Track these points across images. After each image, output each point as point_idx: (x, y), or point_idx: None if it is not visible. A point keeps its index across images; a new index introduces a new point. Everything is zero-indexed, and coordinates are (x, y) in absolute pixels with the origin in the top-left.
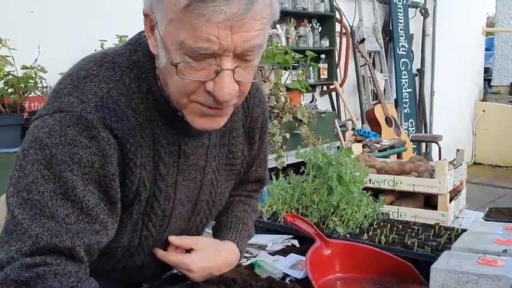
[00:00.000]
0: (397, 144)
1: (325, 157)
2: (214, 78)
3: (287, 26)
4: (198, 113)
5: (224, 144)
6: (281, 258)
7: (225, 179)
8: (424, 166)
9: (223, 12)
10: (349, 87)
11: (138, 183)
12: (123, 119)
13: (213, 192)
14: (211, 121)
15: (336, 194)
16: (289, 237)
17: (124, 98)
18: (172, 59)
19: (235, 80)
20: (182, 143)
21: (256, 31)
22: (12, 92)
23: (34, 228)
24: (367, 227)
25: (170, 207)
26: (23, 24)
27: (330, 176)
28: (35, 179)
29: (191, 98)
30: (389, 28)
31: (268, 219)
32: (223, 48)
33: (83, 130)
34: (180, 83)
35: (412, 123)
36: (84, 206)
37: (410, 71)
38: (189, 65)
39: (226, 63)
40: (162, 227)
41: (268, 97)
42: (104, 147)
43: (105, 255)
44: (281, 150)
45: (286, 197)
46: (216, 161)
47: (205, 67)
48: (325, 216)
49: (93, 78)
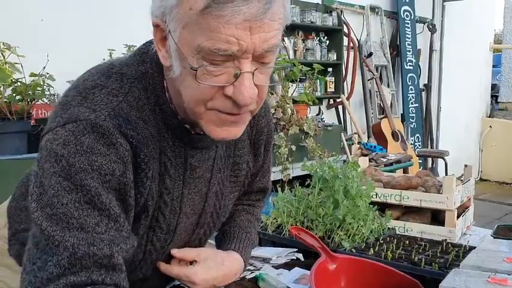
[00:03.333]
0: (403, 158)
1: (331, 170)
2: (233, 82)
3: (295, 39)
4: (217, 122)
5: (229, 155)
6: (285, 272)
7: (229, 191)
8: (431, 181)
9: (243, 12)
10: (355, 101)
11: (147, 197)
12: (137, 129)
13: (217, 204)
14: (230, 130)
15: (342, 207)
16: (293, 250)
17: (134, 111)
18: (190, 65)
19: (255, 83)
20: (189, 156)
21: (274, 31)
22: (20, 99)
23: (68, 239)
24: (373, 242)
25: (175, 220)
26: (32, 32)
27: (336, 189)
28: (56, 192)
29: (208, 105)
30: (397, 43)
31: (273, 232)
32: (243, 50)
33: (99, 138)
34: (198, 90)
35: (418, 138)
36: (112, 213)
37: (417, 86)
38: (207, 70)
39: (246, 65)
40: (166, 241)
41: (275, 109)
42: (123, 153)
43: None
44: (287, 163)
45: (291, 210)
46: (221, 173)
47: (224, 71)
48: (331, 230)
49: (101, 89)
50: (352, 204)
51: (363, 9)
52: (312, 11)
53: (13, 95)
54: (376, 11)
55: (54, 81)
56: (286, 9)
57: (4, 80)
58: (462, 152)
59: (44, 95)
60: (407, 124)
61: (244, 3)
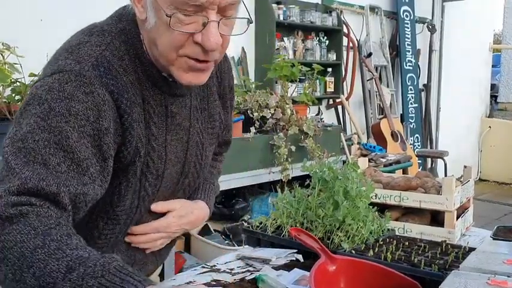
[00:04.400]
0: (402, 159)
1: (331, 171)
2: (202, 30)
3: (294, 39)
4: (186, 68)
5: (204, 108)
6: (285, 273)
7: (208, 142)
8: (431, 182)
9: None
10: (355, 101)
11: (136, 139)
12: (117, 77)
13: (199, 154)
14: (197, 75)
15: (342, 209)
16: (293, 251)
17: (116, 59)
18: (165, 13)
19: (220, 32)
20: (168, 103)
21: None
22: (19, 99)
23: (24, 172)
24: (372, 243)
25: (162, 166)
26: (32, 32)
27: (336, 190)
28: (32, 129)
29: (180, 52)
30: (397, 43)
31: (272, 233)
32: (210, 1)
33: (80, 86)
34: (171, 37)
35: (417, 138)
36: (76, 157)
37: (416, 86)
38: (179, 19)
39: (212, 15)
40: (156, 187)
41: (275, 109)
42: (98, 102)
43: (111, 221)
44: (286, 163)
45: (291, 211)
46: (199, 123)
47: (194, 20)
48: (330, 231)
49: (85, 43)
50: (352, 206)
51: (362, 9)
52: (311, 11)
53: (12, 95)
54: (375, 11)
55: None
56: None
57: (3, 80)
58: (461, 152)
59: None
60: (407, 124)
61: None
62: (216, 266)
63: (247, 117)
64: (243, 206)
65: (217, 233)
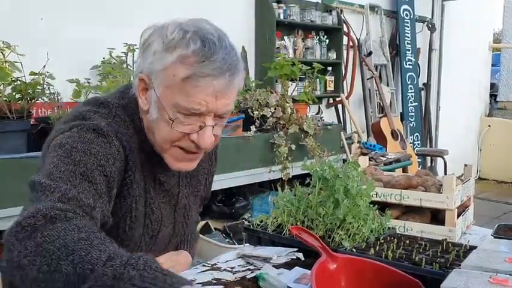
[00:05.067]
0: (402, 157)
1: (331, 170)
2: (198, 131)
3: (295, 38)
4: (178, 157)
5: (193, 175)
6: (286, 272)
7: (193, 202)
8: (432, 181)
9: (213, 85)
10: (355, 100)
11: (131, 199)
12: (128, 139)
13: (186, 215)
14: (187, 164)
15: (342, 207)
16: (294, 250)
17: (122, 129)
18: (169, 116)
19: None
20: (157, 173)
21: (232, 100)
22: (19, 98)
23: (62, 186)
24: (373, 241)
25: (158, 228)
26: (32, 31)
27: (336, 188)
28: (55, 164)
29: (175, 143)
30: (396, 42)
31: (273, 232)
32: (209, 110)
33: (99, 136)
34: (170, 133)
35: (417, 137)
36: (99, 189)
37: (416, 85)
38: (180, 120)
39: (209, 121)
40: (149, 246)
41: (275, 108)
42: (114, 152)
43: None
44: (286, 162)
45: (291, 209)
46: (187, 189)
47: (192, 123)
48: (331, 230)
49: (95, 113)
50: (353, 204)
51: (362, 8)
52: (311, 10)
53: (13, 94)
54: (375, 10)
55: (54, 80)
56: (242, 80)
57: (4, 78)
58: (461, 151)
59: (44, 94)
60: (407, 123)
61: (215, 79)
62: (216, 265)
63: (247, 116)
64: (244, 205)
65: (218, 232)
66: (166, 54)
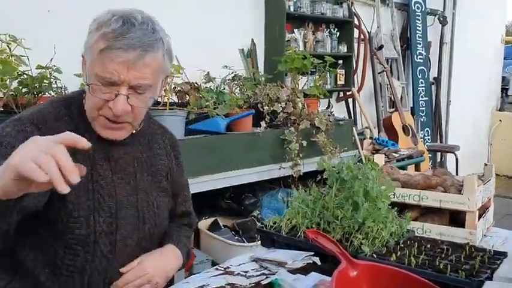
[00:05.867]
0: (415, 154)
1: (349, 170)
2: (114, 99)
3: (305, 31)
4: (103, 125)
5: (152, 164)
6: (302, 277)
7: (157, 194)
8: (450, 180)
9: (123, 56)
10: (365, 94)
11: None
12: (47, 122)
13: (150, 201)
14: (113, 132)
15: (362, 210)
16: (310, 254)
17: (52, 115)
18: (86, 81)
19: (129, 103)
20: (109, 150)
21: (145, 74)
22: (26, 92)
23: None
24: (393, 245)
25: (114, 204)
26: (39, 24)
27: (355, 191)
28: None
29: (100, 112)
30: (407, 35)
31: (287, 234)
32: (121, 80)
33: (14, 126)
34: (93, 100)
35: (428, 132)
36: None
37: (427, 79)
38: (99, 88)
39: (122, 90)
40: (112, 225)
41: (286, 103)
42: (26, 136)
43: (68, 250)
44: (297, 159)
45: (307, 211)
46: (144, 174)
47: (109, 91)
48: (349, 233)
49: (34, 107)
50: (373, 207)
51: (373, 1)
52: (322, 3)
53: (19, 88)
54: (386, 2)
55: (61, 74)
56: (166, 64)
57: (10, 73)
58: (471, 146)
59: (51, 88)
60: (418, 118)
61: (124, 52)
62: (229, 268)
63: (257, 111)
64: (253, 202)
65: (227, 229)
66: (95, 32)
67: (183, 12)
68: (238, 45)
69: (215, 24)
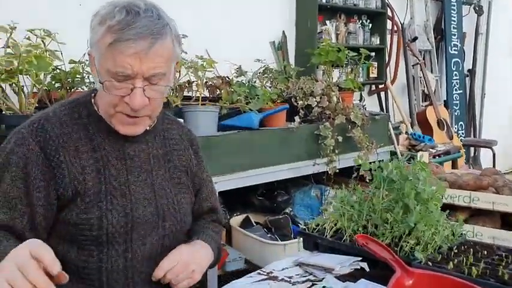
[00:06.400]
0: (452, 149)
1: (399, 170)
2: (130, 94)
3: (337, 22)
4: (122, 121)
5: (169, 160)
6: (351, 285)
7: (177, 191)
8: (502, 181)
9: (133, 48)
10: (397, 87)
11: (70, 177)
12: (47, 130)
13: (170, 198)
14: (130, 128)
15: (414, 214)
16: (357, 259)
17: (56, 120)
18: (99, 80)
19: (146, 96)
20: (125, 147)
21: (158, 63)
22: (59, 87)
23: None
24: (446, 251)
25: (129, 204)
26: (71, 18)
27: (406, 192)
28: None
29: (116, 109)
30: (441, 26)
31: (331, 237)
32: (135, 73)
33: (16, 139)
34: (109, 97)
35: (461, 126)
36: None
37: (461, 72)
38: (113, 85)
39: (138, 83)
40: (127, 225)
41: (320, 97)
42: (25, 152)
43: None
44: (333, 155)
45: (352, 214)
46: (162, 171)
47: (124, 87)
48: (398, 237)
49: (41, 113)
50: (424, 210)
51: None
52: None
53: (52, 83)
54: None
55: None
56: (176, 51)
57: (45, 68)
58: (506, 140)
59: (83, 83)
60: (452, 112)
61: (134, 42)
62: (272, 273)
63: (291, 105)
64: (286, 199)
65: (259, 226)
66: (100, 27)
67: (213, 6)
68: (269, 38)
69: (245, 17)
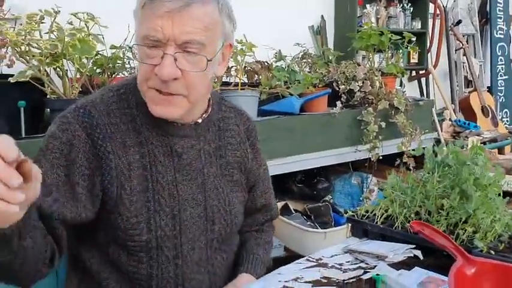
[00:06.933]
0: (499, 137)
1: (455, 155)
2: (160, 63)
3: (377, 6)
4: (154, 100)
5: (221, 155)
6: (405, 273)
7: (230, 189)
8: None
9: (166, 6)
10: (438, 73)
11: (117, 171)
12: (94, 117)
13: (221, 199)
14: (164, 109)
15: (474, 200)
16: (411, 247)
17: (103, 105)
18: (138, 50)
19: (178, 67)
20: (172, 144)
21: (195, 28)
22: (100, 72)
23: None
24: (507, 240)
25: (177, 205)
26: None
27: (464, 178)
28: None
29: (148, 83)
30: (486, 9)
31: (382, 224)
32: (166, 37)
33: (60, 124)
34: (142, 69)
35: (506, 114)
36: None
37: (507, 57)
38: (145, 52)
39: (169, 49)
40: (175, 228)
41: (363, 82)
42: (69, 137)
43: (131, 256)
44: (376, 141)
45: (405, 200)
46: (214, 168)
47: (156, 54)
48: (454, 225)
49: (87, 97)
50: (483, 196)
51: None
52: None
53: (94, 68)
54: None
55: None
56: (223, 22)
57: (89, 52)
58: None
59: (124, 68)
60: (497, 98)
61: (168, 0)
62: (322, 260)
63: (332, 90)
64: (326, 186)
65: (298, 213)
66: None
67: None
68: (308, 23)
69: (283, 1)
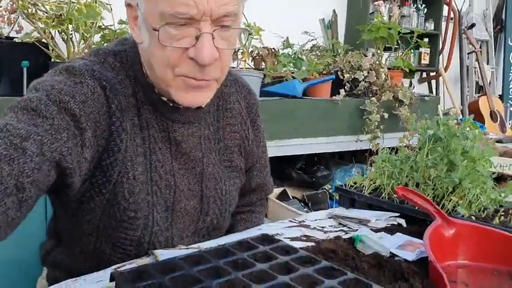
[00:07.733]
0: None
1: (446, 127)
2: (195, 44)
3: (390, 5)
4: (184, 88)
5: (219, 139)
6: (387, 236)
7: (227, 176)
8: None
9: None
10: (449, 76)
11: (125, 156)
12: (111, 80)
13: (218, 188)
14: (195, 95)
15: (460, 169)
16: (395, 215)
17: (111, 74)
18: (153, 27)
19: (216, 46)
20: (171, 130)
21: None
22: None
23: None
24: (492, 212)
25: (172, 196)
26: None
27: (453, 149)
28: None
29: (176, 71)
30: (502, 16)
31: (369, 194)
32: (201, 13)
33: (70, 76)
34: (164, 54)
35: None
36: (56, 124)
37: None
38: (169, 33)
39: (205, 27)
40: (167, 220)
41: (368, 72)
42: (86, 91)
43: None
44: (377, 131)
45: (393, 171)
46: (213, 154)
47: (186, 34)
48: (441, 196)
49: (80, 61)
50: (471, 167)
51: None
52: None
53: (101, 42)
54: None
55: None
56: None
57: (94, 17)
58: None
59: None
60: (507, 105)
61: None
62: (304, 222)
63: (337, 78)
64: (325, 175)
65: (296, 200)
66: None
67: None
68: (319, 16)
69: None
